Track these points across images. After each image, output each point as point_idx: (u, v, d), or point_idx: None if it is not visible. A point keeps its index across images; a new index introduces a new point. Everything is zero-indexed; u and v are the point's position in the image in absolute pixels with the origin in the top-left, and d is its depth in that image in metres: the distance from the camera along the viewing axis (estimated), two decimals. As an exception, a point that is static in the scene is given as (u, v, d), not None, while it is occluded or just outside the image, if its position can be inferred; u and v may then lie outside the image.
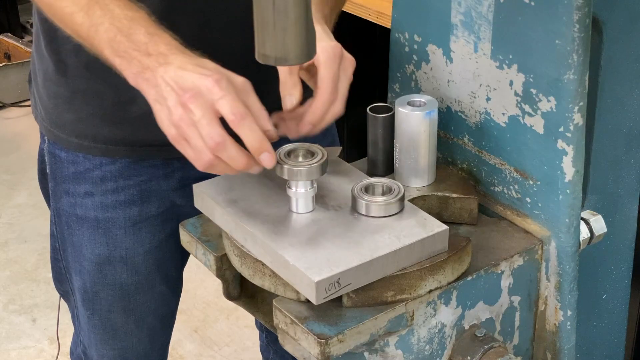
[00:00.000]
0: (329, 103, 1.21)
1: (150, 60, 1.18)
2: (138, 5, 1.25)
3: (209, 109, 1.13)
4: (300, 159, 1.20)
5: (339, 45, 1.23)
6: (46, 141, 1.58)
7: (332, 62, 1.21)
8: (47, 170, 1.60)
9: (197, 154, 1.14)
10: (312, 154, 1.20)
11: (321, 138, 1.36)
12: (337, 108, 1.23)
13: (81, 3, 1.25)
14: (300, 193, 1.19)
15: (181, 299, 1.76)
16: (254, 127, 1.14)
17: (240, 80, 1.17)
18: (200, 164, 1.15)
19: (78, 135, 1.52)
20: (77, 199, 1.56)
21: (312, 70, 1.24)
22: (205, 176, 1.60)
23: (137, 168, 1.54)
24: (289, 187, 1.20)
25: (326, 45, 1.22)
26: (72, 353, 1.84)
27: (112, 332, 1.66)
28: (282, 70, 1.22)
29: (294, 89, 1.22)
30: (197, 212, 1.31)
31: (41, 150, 1.61)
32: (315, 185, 1.20)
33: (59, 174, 1.57)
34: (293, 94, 1.22)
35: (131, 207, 1.55)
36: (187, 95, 1.13)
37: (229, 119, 1.13)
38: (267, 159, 1.15)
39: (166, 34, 1.22)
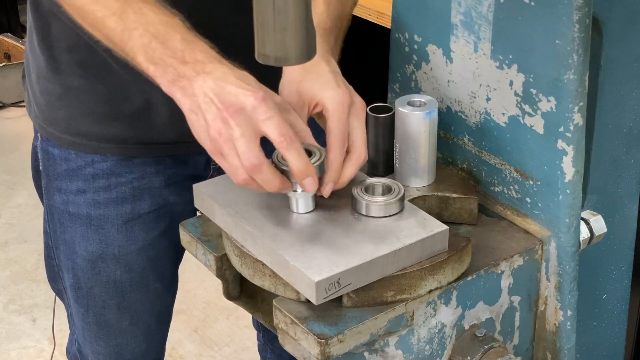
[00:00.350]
0: (340, 156, 1.17)
1: (187, 69, 1.16)
2: (172, 11, 1.23)
3: (250, 127, 1.11)
4: None
5: (346, 92, 1.20)
6: (39, 138, 1.58)
7: (341, 113, 1.18)
8: (40, 167, 1.60)
9: (233, 171, 1.13)
10: (310, 154, 1.20)
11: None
12: (360, 157, 1.19)
13: (114, 7, 1.23)
14: (300, 193, 1.19)
15: (181, 298, 1.76)
16: (301, 151, 1.12)
17: (280, 98, 1.15)
18: (235, 180, 1.14)
19: (70, 133, 1.52)
20: (70, 196, 1.56)
21: (323, 117, 1.21)
22: (198, 174, 1.60)
23: (129, 165, 1.54)
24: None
25: (333, 94, 1.19)
26: (68, 351, 1.84)
27: (106, 329, 1.66)
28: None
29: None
30: (191, 210, 1.31)
31: (34, 147, 1.62)
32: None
33: (51, 171, 1.57)
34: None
35: (123, 204, 1.55)
36: (230, 111, 1.11)
37: (277, 140, 1.11)
38: (310, 183, 1.14)
39: (203, 42, 1.20)
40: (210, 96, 1.13)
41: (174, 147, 1.55)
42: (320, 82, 1.20)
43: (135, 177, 1.55)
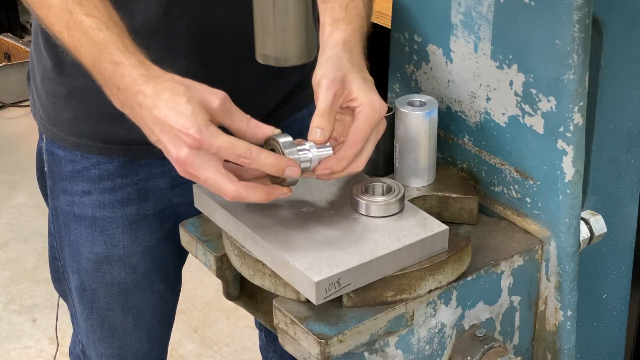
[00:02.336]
0: (353, 157, 1.17)
1: (124, 96, 1.17)
2: (112, 20, 1.21)
3: (209, 163, 1.11)
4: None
5: (384, 105, 1.19)
6: (44, 139, 1.58)
7: (372, 120, 1.17)
8: (45, 169, 1.60)
9: (220, 193, 1.14)
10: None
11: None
12: (359, 165, 1.19)
13: (63, 20, 1.22)
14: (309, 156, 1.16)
15: (181, 299, 1.76)
16: (263, 154, 1.12)
17: (217, 101, 1.13)
18: (226, 197, 1.14)
19: (75, 134, 1.53)
20: (75, 197, 1.56)
21: (347, 109, 1.21)
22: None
23: (134, 167, 1.54)
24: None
25: (375, 100, 1.18)
26: (71, 352, 1.84)
27: (110, 331, 1.66)
28: (323, 100, 1.17)
29: (327, 124, 1.16)
30: (195, 211, 1.31)
31: (39, 149, 1.62)
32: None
33: (56, 172, 1.57)
34: (323, 129, 1.16)
35: (129, 205, 1.55)
36: (181, 159, 1.11)
37: (238, 161, 1.11)
38: (292, 171, 1.14)
39: (132, 58, 1.17)
40: (157, 134, 1.13)
41: None
42: (365, 85, 1.19)
43: (140, 178, 1.55)
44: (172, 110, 1.12)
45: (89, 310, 1.65)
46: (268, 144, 1.15)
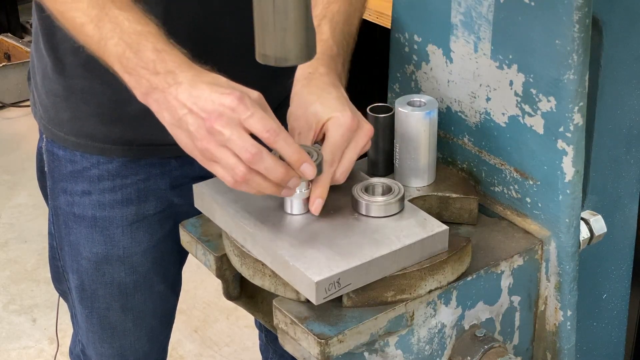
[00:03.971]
0: (328, 175, 1.19)
1: (159, 80, 1.16)
2: (148, 18, 1.23)
3: (237, 126, 1.11)
4: None
5: (353, 116, 1.20)
6: (44, 139, 1.58)
7: (338, 135, 1.19)
8: (45, 169, 1.60)
9: (230, 171, 1.13)
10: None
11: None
12: (339, 179, 1.20)
13: (92, 14, 1.23)
14: (295, 194, 1.19)
15: (181, 299, 1.76)
16: (289, 140, 1.13)
17: (256, 94, 1.15)
18: (233, 181, 1.14)
19: (75, 134, 1.53)
20: (75, 197, 1.56)
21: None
22: (203, 175, 1.60)
23: (134, 167, 1.54)
24: None
25: (339, 115, 1.19)
26: (71, 352, 1.84)
27: (110, 331, 1.66)
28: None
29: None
30: (195, 211, 1.31)
31: (39, 149, 1.62)
32: (310, 186, 1.20)
33: (56, 172, 1.57)
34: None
35: (129, 206, 1.56)
36: (212, 118, 1.11)
37: (263, 136, 1.11)
38: (308, 169, 1.14)
39: (175, 50, 1.20)
40: (189, 106, 1.13)
41: (179, 148, 1.55)
42: (326, 106, 1.21)
43: (140, 178, 1.55)
44: (212, 86, 1.13)
45: (89, 310, 1.65)
46: None
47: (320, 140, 1.23)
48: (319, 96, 1.23)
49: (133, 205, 1.56)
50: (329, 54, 1.30)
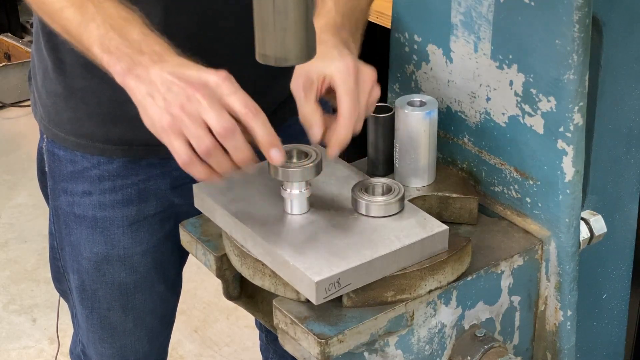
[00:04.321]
0: (351, 124, 1.17)
1: (144, 58, 1.15)
2: (132, 8, 1.23)
3: (217, 101, 1.10)
4: (294, 160, 1.19)
5: (352, 61, 1.19)
6: (45, 139, 1.58)
7: (348, 81, 1.18)
8: (46, 169, 1.60)
9: (195, 140, 1.10)
10: (306, 155, 1.19)
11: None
12: (359, 125, 1.19)
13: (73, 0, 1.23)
14: (295, 194, 1.19)
15: (181, 299, 1.76)
16: (267, 122, 1.12)
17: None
18: (188, 157, 1.11)
19: (76, 134, 1.53)
20: (75, 197, 1.56)
21: (332, 92, 1.21)
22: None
23: (134, 167, 1.54)
24: (283, 189, 1.20)
25: (339, 64, 1.19)
26: (71, 352, 1.84)
27: (110, 331, 1.66)
28: (299, 99, 1.20)
29: (314, 116, 1.18)
30: (196, 212, 1.31)
31: (40, 149, 1.62)
32: (310, 186, 1.20)
33: (57, 172, 1.57)
34: (315, 126, 1.17)
35: (129, 206, 1.56)
36: (195, 86, 1.10)
37: (242, 112, 1.10)
38: (277, 155, 1.13)
39: (160, 37, 1.20)
40: (170, 79, 1.12)
41: None
42: (325, 59, 1.20)
43: (140, 179, 1.55)
44: (198, 67, 1.13)
45: (89, 310, 1.65)
46: None
47: (324, 94, 1.21)
48: (319, 53, 1.22)
49: (133, 205, 1.56)
50: (332, 24, 1.29)
